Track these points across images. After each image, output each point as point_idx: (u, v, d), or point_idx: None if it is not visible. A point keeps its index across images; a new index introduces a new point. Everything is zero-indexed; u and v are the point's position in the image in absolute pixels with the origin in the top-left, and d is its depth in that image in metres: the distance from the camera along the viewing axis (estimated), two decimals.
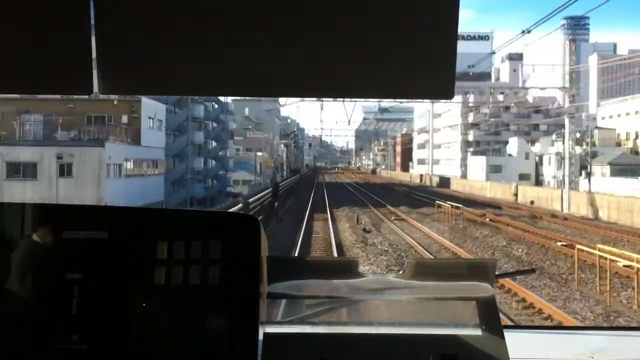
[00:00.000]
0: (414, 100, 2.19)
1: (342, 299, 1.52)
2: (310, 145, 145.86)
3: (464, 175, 77.31)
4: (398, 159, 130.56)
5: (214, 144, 61.39)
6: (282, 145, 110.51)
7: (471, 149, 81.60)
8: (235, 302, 1.25)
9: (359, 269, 1.44)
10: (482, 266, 1.50)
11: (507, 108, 77.83)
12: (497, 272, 1.53)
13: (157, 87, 1.08)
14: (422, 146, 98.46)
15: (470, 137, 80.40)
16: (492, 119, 73.86)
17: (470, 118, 79.78)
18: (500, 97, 77.89)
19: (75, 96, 16.14)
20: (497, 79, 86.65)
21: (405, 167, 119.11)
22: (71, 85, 1.04)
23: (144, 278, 1.25)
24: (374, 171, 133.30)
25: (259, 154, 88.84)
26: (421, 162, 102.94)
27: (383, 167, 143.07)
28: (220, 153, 62.85)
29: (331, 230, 23.04)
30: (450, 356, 1.42)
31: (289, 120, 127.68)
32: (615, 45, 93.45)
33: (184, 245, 1.26)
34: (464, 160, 79.61)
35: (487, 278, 1.46)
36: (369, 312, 1.63)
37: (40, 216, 1.30)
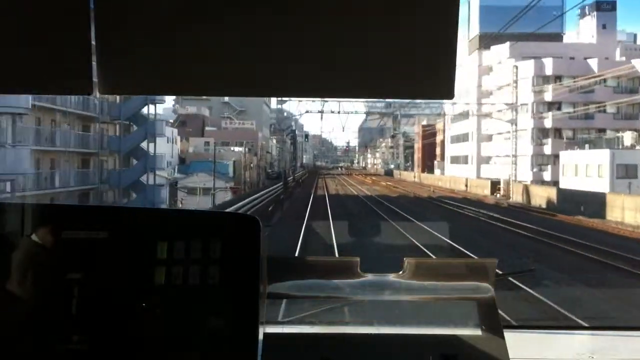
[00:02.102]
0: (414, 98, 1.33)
1: (342, 299, 1.63)
2: (306, 137, 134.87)
3: (537, 179, 55.23)
4: (417, 157, 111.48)
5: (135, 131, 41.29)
6: (274, 141, 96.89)
7: (548, 140, 57.89)
8: (235, 302, 1.33)
9: (359, 269, 1.55)
10: (482, 266, 1.58)
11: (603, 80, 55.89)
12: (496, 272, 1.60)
13: (157, 87, 1.10)
14: (459, 139, 65.24)
15: (548, 123, 43.38)
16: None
17: (548, 94, 42.91)
18: (593, 65, 56.96)
19: None
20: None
21: (428, 168, 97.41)
22: (71, 85, 1.05)
23: (144, 278, 1.34)
24: (389, 173, 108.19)
25: (237, 149, 67.39)
26: (457, 160, 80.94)
27: (392, 166, 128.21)
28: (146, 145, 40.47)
29: None
30: (450, 356, 1.47)
31: (285, 114, 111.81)
32: (635, 35, 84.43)
33: (184, 245, 1.35)
34: (539, 158, 42.82)
35: (487, 278, 1.54)
36: (369, 312, 1.70)
37: (40, 216, 1.41)
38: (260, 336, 1.32)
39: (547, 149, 56.64)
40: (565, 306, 12.85)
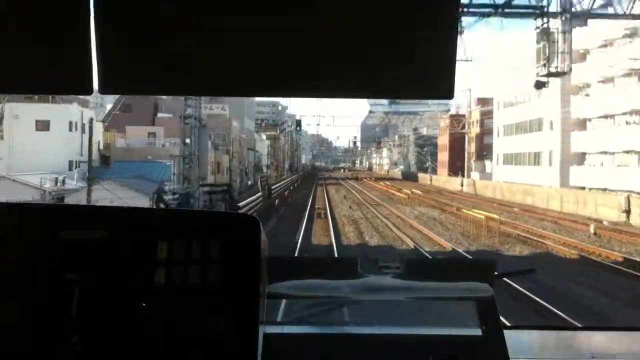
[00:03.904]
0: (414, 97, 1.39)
1: (342, 299, 1.67)
2: (298, 125, 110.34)
3: None
4: (442, 157, 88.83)
5: None
6: (264, 136, 74.82)
7: None
8: (235, 302, 1.40)
9: (359, 268, 1.63)
10: (481, 266, 1.64)
11: None
12: (496, 272, 1.71)
13: (157, 87, 1.15)
14: (521, 129, 38.07)
15: None
16: None
17: None
18: None
19: None
20: None
21: (457, 169, 71.76)
22: (71, 85, 1.10)
23: (144, 278, 1.42)
24: (409, 176, 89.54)
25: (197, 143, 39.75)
26: (519, 160, 59.38)
27: (401, 167, 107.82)
28: None
29: None
30: (450, 356, 1.52)
31: (279, 108, 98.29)
32: None
33: (184, 245, 1.43)
34: None
35: (487, 278, 1.58)
36: (369, 312, 1.75)
37: (40, 216, 1.50)
38: (260, 336, 1.39)
39: None
40: None
